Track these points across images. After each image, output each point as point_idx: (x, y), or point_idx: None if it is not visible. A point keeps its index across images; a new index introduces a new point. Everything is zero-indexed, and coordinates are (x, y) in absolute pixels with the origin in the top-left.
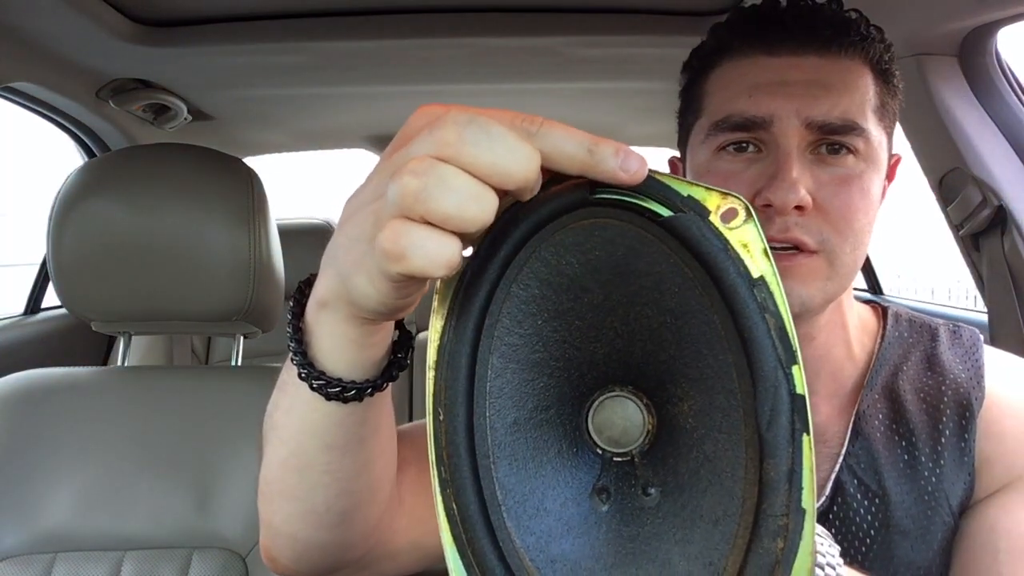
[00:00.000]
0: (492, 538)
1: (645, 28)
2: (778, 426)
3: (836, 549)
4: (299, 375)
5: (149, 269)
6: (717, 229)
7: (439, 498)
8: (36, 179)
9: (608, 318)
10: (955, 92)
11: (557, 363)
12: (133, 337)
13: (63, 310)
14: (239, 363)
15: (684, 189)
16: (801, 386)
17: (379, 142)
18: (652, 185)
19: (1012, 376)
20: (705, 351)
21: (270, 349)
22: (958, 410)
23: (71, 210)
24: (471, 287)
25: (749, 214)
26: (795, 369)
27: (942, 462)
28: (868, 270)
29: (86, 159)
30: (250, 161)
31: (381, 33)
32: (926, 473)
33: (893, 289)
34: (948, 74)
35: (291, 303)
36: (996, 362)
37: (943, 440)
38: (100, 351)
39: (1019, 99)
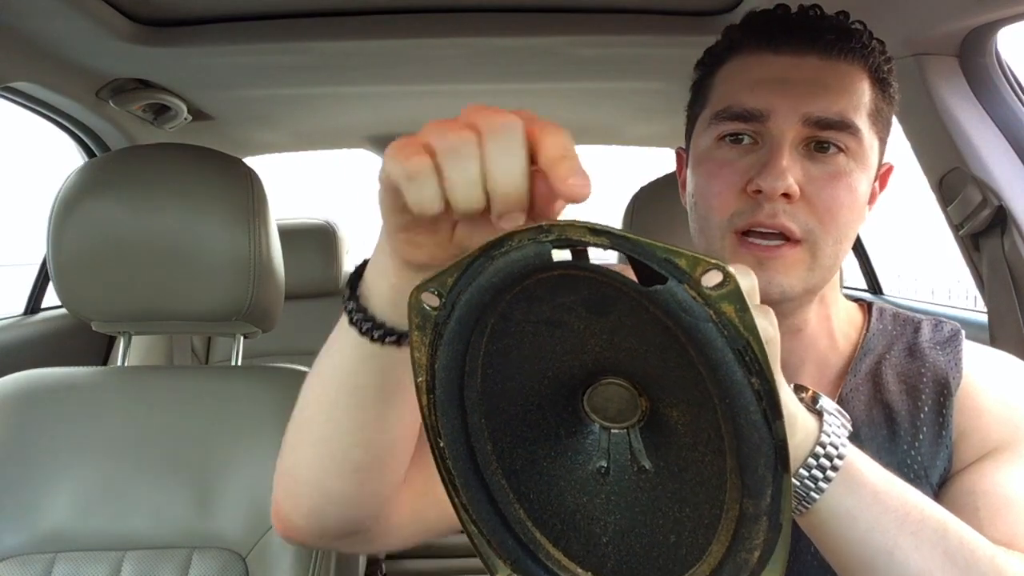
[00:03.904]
0: (509, 529)
1: (645, 28)
2: (760, 477)
3: (845, 431)
4: (349, 319)
5: (149, 269)
6: (699, 296)
7: (454, 498)
8: (31, 178)
9: (591, 340)
10: (955, 92)
11: (545, 374)
12: (133, 337)
13: (63, 310)
14: (239, 363)
15: (660, 252)
16: (783, 434)
17: (379, 142)
18: (623, 245)
19: (989, 360)
20: (690, 387)
21: (270, 349)
22: (936, 388)
23: (71, 210)
24: (443, 336)
25: (730, 276)
26: (778, 424)
27: (921, 436)
28: (868, 270)
29: (86, 159)
30: (250, 161)
31: (381, 33)
32: (905, 447)
33: (893, 289)
34: (948, 74)
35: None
36: (975, 349)
37: (922, 416)
38: (100, 351)
39: (1019, 99)
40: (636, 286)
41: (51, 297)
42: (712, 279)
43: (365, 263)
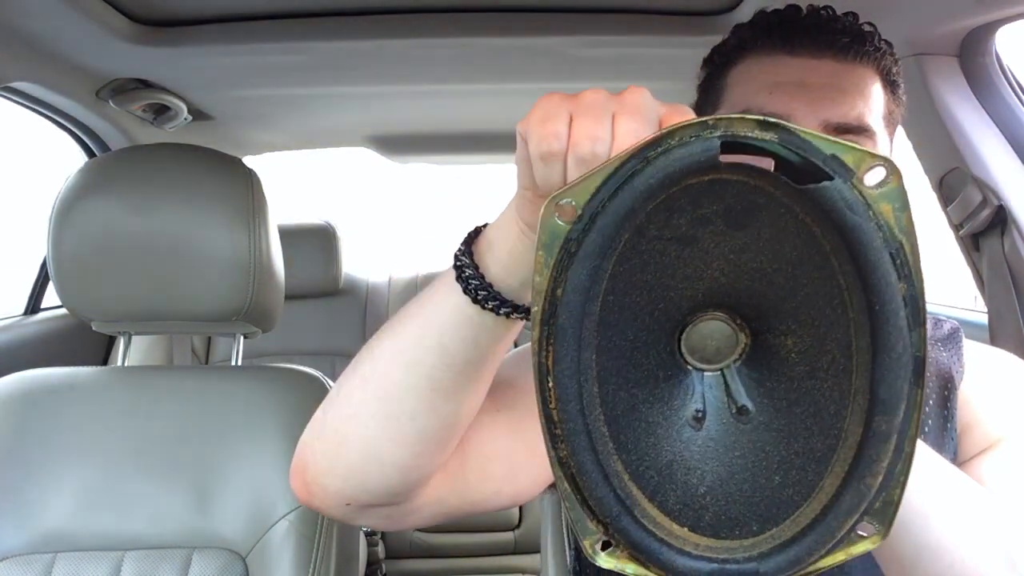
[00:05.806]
0: (609, 484)
1: (645, 28)
2: (898, 389)
3: None
4: (457, 274)
5: (149, 269)
6: (862, 194)
7: (552, 451)
8: (22, 178)
9: (715, 263)
10: (955, 92)
11: (657, 305)
12: (133, 337)
13: (63, 310)
14: (239, 363)
15: (827, 148)
16: (922, 347)
17: (379, 142)
18: (791, 141)
19: (990, 356)
20: (822, 303)
21: (270, 349)
22: (940, 383)
23: (71, 210)
24: (575, 254)
25: (894, 172)
26: (920, 331)
27: (925, 431)
28: None
29: (86, 159)
30: (250, 161)
31: (381, 33)
32: None
33: None
34: (948, 74)
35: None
36: (975, 346)
37: (925, 410)
38: (100, 351)
39: (1019, 99)
40: (794, 187)
41: (51, 297)
42: (874, 177)
43: (485, 225)
